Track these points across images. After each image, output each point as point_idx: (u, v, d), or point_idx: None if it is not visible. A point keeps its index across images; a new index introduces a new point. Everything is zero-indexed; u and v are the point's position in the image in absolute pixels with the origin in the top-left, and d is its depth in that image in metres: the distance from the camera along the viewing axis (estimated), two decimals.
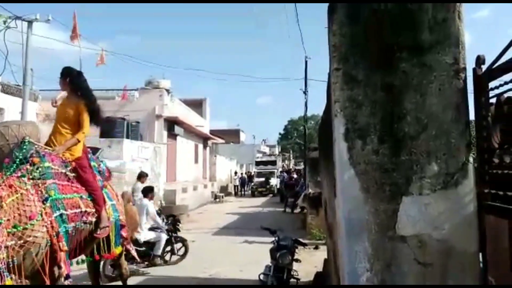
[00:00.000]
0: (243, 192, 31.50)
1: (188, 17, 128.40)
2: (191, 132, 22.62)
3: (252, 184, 31.34)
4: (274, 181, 30.67)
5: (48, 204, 3.79)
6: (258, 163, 35.91)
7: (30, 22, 8.45)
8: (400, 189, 2.03)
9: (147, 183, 10.42)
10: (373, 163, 2.07)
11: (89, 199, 4.48)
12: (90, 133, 4.94)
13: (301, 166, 46.22)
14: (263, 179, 30.51)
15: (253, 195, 29.46)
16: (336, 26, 2.20)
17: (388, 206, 2.04)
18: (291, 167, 42.31)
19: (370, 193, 2.06)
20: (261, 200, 25.89)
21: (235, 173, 33.13)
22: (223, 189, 29.21)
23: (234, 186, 31.66)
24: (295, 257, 5.77)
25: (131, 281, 7.38)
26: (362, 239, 2.05)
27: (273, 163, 35.80)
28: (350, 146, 2.11)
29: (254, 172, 34.88)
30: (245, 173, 36.99)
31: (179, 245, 8.72)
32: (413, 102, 2.06)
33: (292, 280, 5.62)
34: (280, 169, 38.82)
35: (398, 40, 2.10)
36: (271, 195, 28.88)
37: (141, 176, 10.51)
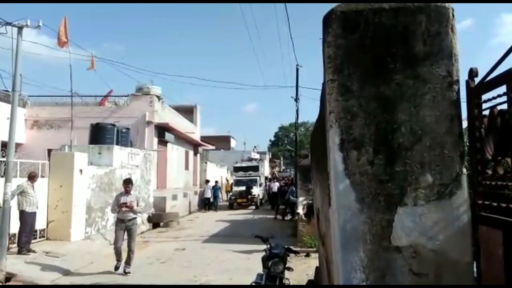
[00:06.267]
0: (215, 204, 24.27)
1: (177, 23, 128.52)
2: (181, 138, 22.54)
3: (231, 194, 26.29)
4: (257, 191, 25.68)
5: None
6: (237, 169, 29.63)
7: (20, 28, 8.37)
8: (395, 200, 2.05)
9: (137, 190, 10.27)
10: (368, 173, 2.08)
11: None
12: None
13: (287, 173, 45.47)
14: (243, 187, 25.17)
15: (231, 207, 24.41)
16: (331, 38, 2.21)
17: (383, 216, 2.05)
18: (277, 175, 40.61)
19: (365, 203, 2.07)
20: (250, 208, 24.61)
21: (206, 181, 25.07)
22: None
23: (205, 198, 24.08)
24: (287, 265, 5.75)
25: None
26: (357, 250, 2.06)
27: (255, 168, 29.47)
28: (345, 157, 2.12)
29: (233, 180, 29.40)
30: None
31: None
32: (407, 113, 2.08)
33: None
34: (269, 176, 37.54)
35: (392, 52, 2.12)
36: (253, 207, 24.47)
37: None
